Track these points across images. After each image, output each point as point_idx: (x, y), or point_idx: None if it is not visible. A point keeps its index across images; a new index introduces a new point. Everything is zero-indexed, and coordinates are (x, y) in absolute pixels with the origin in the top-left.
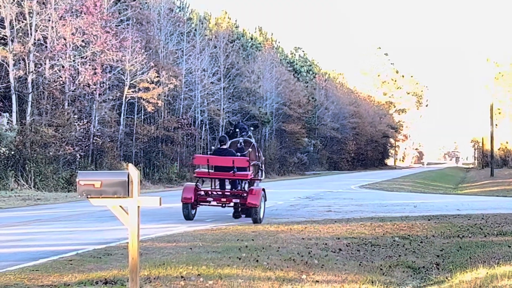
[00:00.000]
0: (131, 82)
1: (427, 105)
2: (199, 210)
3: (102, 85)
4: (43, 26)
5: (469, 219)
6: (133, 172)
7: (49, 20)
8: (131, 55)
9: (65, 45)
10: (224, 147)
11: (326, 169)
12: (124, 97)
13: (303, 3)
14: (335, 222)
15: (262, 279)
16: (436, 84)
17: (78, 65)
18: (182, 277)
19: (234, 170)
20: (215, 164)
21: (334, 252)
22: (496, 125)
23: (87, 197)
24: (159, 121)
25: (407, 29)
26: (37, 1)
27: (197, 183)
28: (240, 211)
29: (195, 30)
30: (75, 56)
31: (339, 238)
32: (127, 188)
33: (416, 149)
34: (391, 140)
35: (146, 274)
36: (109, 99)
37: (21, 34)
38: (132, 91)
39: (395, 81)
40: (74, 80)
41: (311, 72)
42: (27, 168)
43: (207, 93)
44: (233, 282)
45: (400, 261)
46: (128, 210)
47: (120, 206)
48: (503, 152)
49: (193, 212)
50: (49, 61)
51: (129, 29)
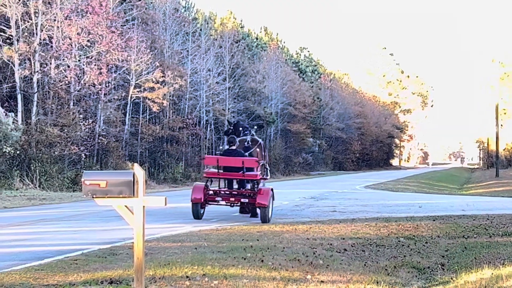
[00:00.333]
0: (136, 82)
1: (432, 106)
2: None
3: (107, 85)
4: (48, 26)
5: (474, 219)
6: (139, 172)
7: (54, 20)
8: (136, 55)
9: (71, 45)
10: (234, 147)
11: (331, 169)
12: (129, 97)
13: (309, 3)
14: (340, 222)
15: (267, 279)
16: (442, 84)
17: (83, 65)
18: (187, 277)
19: (244, 171)
20: (225, 165)
21: (339, 252)
22: (502, 125)
23: (93, 197)
24: (164, 121)
25: (412, 29)
26: (42, 1)
27: (206, 183)
28: (247, 211)
29: (201, 30)
30: (80, 56)
31: (344, 239)
32: (132, 188)
33: (421, 149)
34: (396, 141)
35: (151, 274)
36: (114, 99)
37: (26, 34)
38: (137, 91)
39: (400, 81)
40: (79, 80)
41: (316, 72)
42: (32, 167)
43: (212, 93)
44: (238, 282)
45: (405, 261)
46: (134, 210)
47: (126, 206)
48: (509, 153)
49: (202, 211)
50: (55, 60)
51: (134, 29)
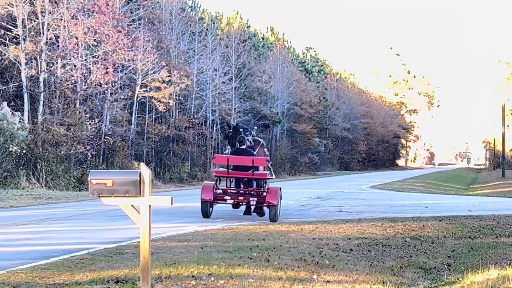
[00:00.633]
0: (142, 82)
1: (438, 106)
2: None
3: (113, 84)
4: (55, 25)
5: (480, 220)
6: (145, 171)
7: (61, 19)
8: (142, 54)
9: (77, 44)
10: (243, 147)
11: (337, 169)
12: (135, 97)
13: (315, 3)
14: (346, 222)
15: (273, 279)
16: (448, 84)
17: (90, 64)
18: (193, 276)
19: (253, 170)
20: (235, 164)
21: (345, 252)
22: (508, 126)
23: (99, 196)
24: (170, 120)
25: (419, 29)
26: (49, 0)
27: (216, 182)
28: (253, 210)
29: (207, 29)
30: (87, 55)
31: (350, 239)
32: (138, 187)
33: (427, 149)
34: (402, 141)
35: (157, 273)
36: (120, 98)
37: (33, 33)
38: (143, 90)
39: (407, 81)
40: (85, 79)
41: (322, 72)
42: (38, 167)
43: (218, 93)
44: (244, 282)
45: (411, 261)
46: (140, 209)
47: (132, 205)
48: None
49: (211, 210)
50: (61, 60)
51: (140, 28)
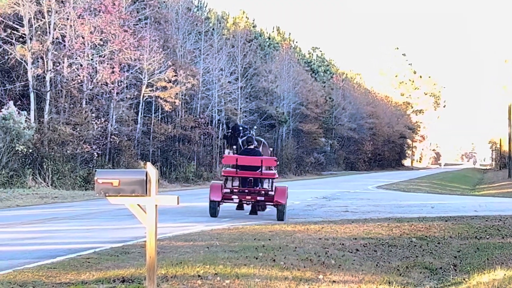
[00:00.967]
0: (148, 81)
1: (444, 106)
2: None
3: (119, 84)
4: (61, 24)
5: (486, 220)
6: (151, 170)
7: (67, 19)
8: (149, 54)
9: (83, 44)
10: (251, 147)
11: (343, 169)
12: (141, 96)
13: (321, 3)
14: (352, 222)
15: (279, 278)
16: (454, 84)
17: (96, 63)
18: (199, 276)
19: (261, 169)
20: (244, 164)
21: (351, 252)
22: None
23: (105, 195)
24: (176, 120)
25: (425, 29)
26: (55, 0)
27: (225, 182)
28: (258, 209)
29: (213, 29)
30: (93, 54)
31: (356, 239)
32: (145, 187)
33: (433, 150)
34: (408, 141)
35: (163, 273)
36: (126, 98)
37: (39, 32)
38: (149, 90)
39: (413, 81)
40: (92, 79)
41: (328, 72)
42: (44, 166)
43: (224, 93)
44: (250, 282)
45: (417, 262)
46: (146, 209)
47: (138, 205)
48: None
49: (218, 209)
50: (67, 59)
51: (147, 28)
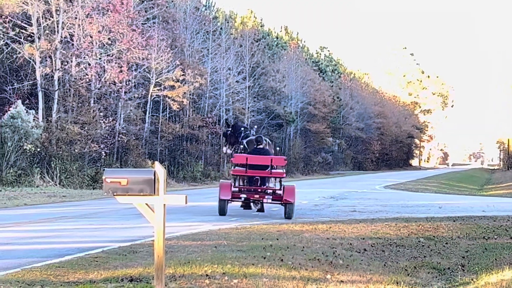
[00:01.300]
0: (156, 80)
1: (452, 106)
2: None
3: (127, 83)
4: (69, 23)
5: (494, 220)
6: (160, 170)
7: (75, 18)
8: (157, 53)
9: (92, 43)
10: (261, 146)
11: (351, 169)
12: (149, 95)
13: (329, 2)
14: (360, 222)
15: (287, 278)
16: (462, 84)
17: (104, 63)
18: (207, 275)
19: (271, 169)
20: (254, 163)
21: (359, 252)
22: None
23: (113, 195)
24: (184, 119)
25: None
26: None
27: (235, 181)
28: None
29: (221, 28)
30: (101, 54)
31: (364, 238)
32: (153, 186)
33: (441, 150)
34: (416, 141)
35: (171, 272)
36: (134, 97)
37: (48, 31)
38: (157, 89)
39: (421, 81)
40: (100, 78)
41: (336, 72)
42: (52, 165)
43: (232, 92)
44: (258, 281)
45: (425, 262)
46: (154, 208)
47: (146, 204)
48: None
49: (227, 208)
50: (76, 58)
51: (155, 27)
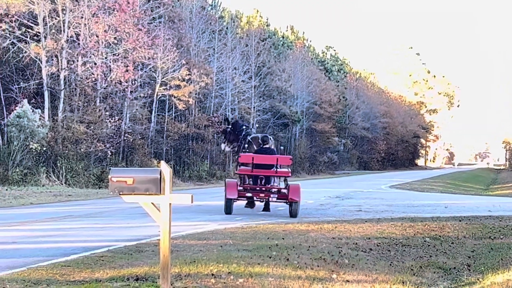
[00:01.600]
0: (162, 80)
1: (458, 106)
2: None
3: (133, 82)
4: (76, 23)
5: (500, 220)
6: (165, 169)
7: (81, 17)
8: (162, 52)
9: (98, 42)
10: (267, 146)
11: (356, 169)
12: (155, 95)
13: (335, 2)
14: (366, 222)
15: (293, 278)
16: (468, 84)
17: (110, 62)
18: (212, 274)
19: (277, 168)
20: (260, 162)
21: (365, 252)
22: None
23: (119, 194)
24: (190, 119)
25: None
26: None
27: (241, 180)
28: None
29: (227, 28)
30: (107, 53)
31: (369, 238)
32: (159, 185)
33: (447, 149)
34: (422, 141)
35: (177, 271)
36: (140, 96)
37: (54, 31)
38: (163, 88)
39: (427, 81)
40: (106, 77)
41: (342, 71)
42: (58, 164)
43: (238, 92)
44: (264, 281)
45: (431, 261)
46: (160, 207)
47: (152, 203)
48: None
49: (233, 206)
50: (82, 58)
51: (161, 27)
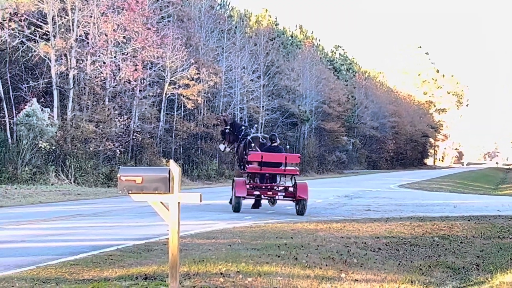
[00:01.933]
0: (171, 79)
1: (467, 105)
2: None
3: (142, 81)
4: (85, 22)
5: (509, 220)
6: (174, 168)
7: (91, 16)
8: (171, 52)
9: (107, 41)
10: (275, 144)
11: (365, 168)
12: (164, 94)
13: (344, 1)
14: (374, 221)
15: (301, 277)
16: (477, 83)
17: (119, 61)
18: (221, 273)
19: (285, 166)
20: (268, 160)
21: (373, 251)
22: None
23: (128, 193)
24: (198, 118)
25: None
26: None
27: (250, 179)
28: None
29: (236, 27)
30: (116, 52)
31: (378, 237)
32: (168, 184)
33: (456, 149)
34: (431, 140)
35: (185, 270)
36: (149, 95)
37: (63, 30)
38: (172, 87)
39: (436, 80)
40: (115, 76)
41: (351, 71)
42: (67, 163)
43: (246, 91)
44: (272, 280)
45: (439, 261)
46: (169, 206)
47: (161, 202)
48: None
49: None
50: (91, 57)
51: (170, 26)
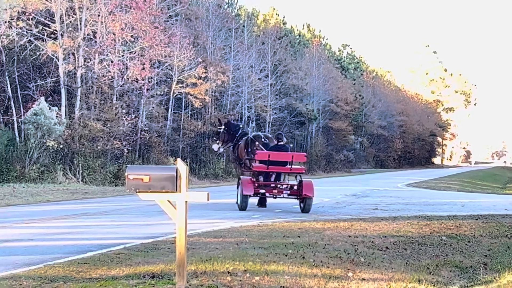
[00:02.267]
0: (179, 78)
1: (475, 104)
2: None
3: (150, 80)
4: (92, 21)
5: None
6: (182, 167)
7: (98, 15)
8: (179, 50)
9: (114, 40)
10: (282, 143)
11: (373, 167)
12: (171, 93)
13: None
14: (382, 220)
15: (309, 276)
16: (485, 82)
17: (126, 60)
18: (228, 272)
19: (291, 165)
20: (276, 159)
21: (381, 250)
22: None
23: (136, 191)
24: (206, 116)
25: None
26: None
27: (257, 177)
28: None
29: (243, 26)
30: (124, 51)
31: (386, 236)
32: (175, 183)
33: (464, 148)
34: (439, 139)
35: (193, 269)
36: (157, 94)
37: (71, 28)
38: (179, 86)
39: (443, 79)
40: (122, 75)
41: (358, 70)
42: (75, 161)
43: (254, 90)
44: (280, 279)
45: (447, 260)
46: (176, 205)
47: (168, 201)
48: None
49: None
50: (98, 56)
51: (177, 24)
